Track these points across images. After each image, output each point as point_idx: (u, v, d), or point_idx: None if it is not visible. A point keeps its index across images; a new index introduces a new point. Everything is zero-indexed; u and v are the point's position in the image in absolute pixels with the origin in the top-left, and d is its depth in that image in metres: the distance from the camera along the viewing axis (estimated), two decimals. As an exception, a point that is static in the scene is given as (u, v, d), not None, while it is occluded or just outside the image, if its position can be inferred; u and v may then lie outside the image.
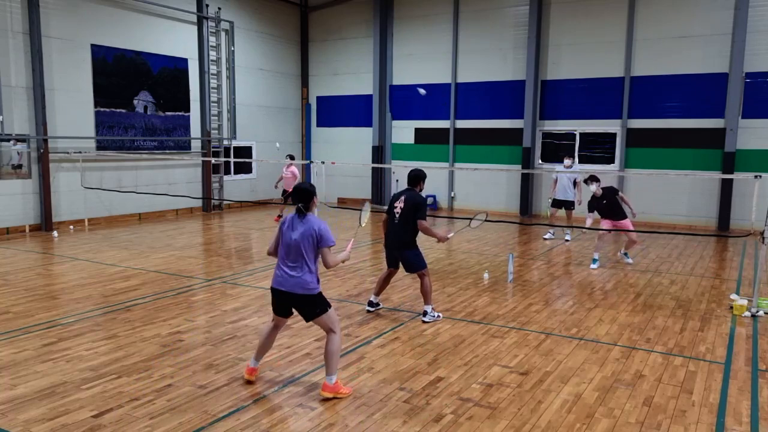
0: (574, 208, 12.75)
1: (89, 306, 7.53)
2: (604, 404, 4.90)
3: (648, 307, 7.83)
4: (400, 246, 7.01)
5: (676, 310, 7.72)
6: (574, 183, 12.61)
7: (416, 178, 7.10)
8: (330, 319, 4.97)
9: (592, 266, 10.20)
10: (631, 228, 10.42)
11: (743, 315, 7.42)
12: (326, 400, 4.86)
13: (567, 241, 12.88)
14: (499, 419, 4.61)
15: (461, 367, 5.64)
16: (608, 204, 10.20)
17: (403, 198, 7.00)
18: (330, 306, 5.01)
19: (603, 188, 10.29)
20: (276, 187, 15.97)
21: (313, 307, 4.94)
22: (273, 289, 5.06)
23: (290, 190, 15.39)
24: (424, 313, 7.07)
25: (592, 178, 10.36)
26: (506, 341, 6.40)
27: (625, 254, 10.77)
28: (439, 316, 7.14)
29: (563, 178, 12.70)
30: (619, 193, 10.39)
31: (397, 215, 6.97)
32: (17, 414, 4.60)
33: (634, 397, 5.03)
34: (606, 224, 10.31)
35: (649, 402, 4.95)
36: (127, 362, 5.66)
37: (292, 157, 15.49)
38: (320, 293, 4.98)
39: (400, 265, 7.19)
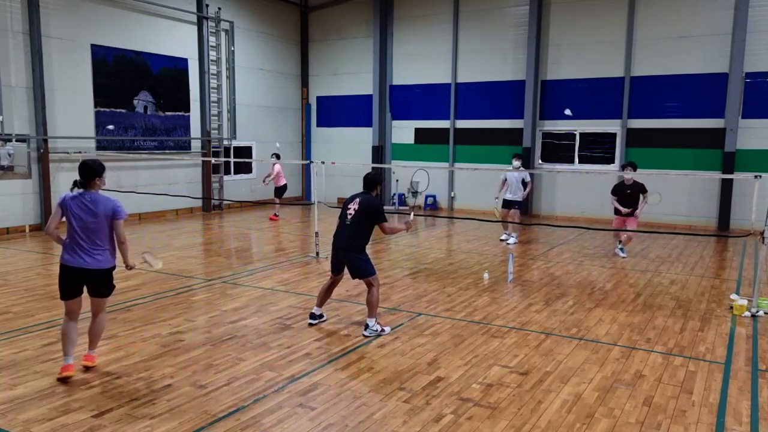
0: (517, 208, 12.68)
1: (89, 306, 7.51)
2: (604, 404, 4.90)
3: (648, 307, 7.83)
4: (348, 249, 6.54)
5: (676, 310, 7.72)
6: (523, 183, 12.43)
7: (373, 181, 6.76)
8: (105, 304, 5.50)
9: (623, 255, 11.00)
10: (636, 224, 10.87)
11: (743, 315, 7.42)
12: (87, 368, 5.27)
13: (509, 243, 12.46)
14: (499, 419, 4.61)
15: (461, 367, 5.64)
16: (631, 195, 10.69)
17: (357, 200, 6.63)
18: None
19: (635, 181, 10.71)
20: (265, 183, 16.06)
21: (104, 284, 5.45)
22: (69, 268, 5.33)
23: (276, 186, 15.75)
24: (366, 327, 6.53)
25: (631, 165, 10.76)
26: (506, 341, 6.40)
27: (621, 249, 11.14)
28: (383, 330, 6.56)
29: (512, 178, 12.46)
30: (646, 193, 10.72)
31: (350, 217, 6.56)
32: (17, 414, 4.60)
33: (634, 397, 5.03)
34: (617, 217, 10.99)
35: (649, 402, 4.95)
36: (127, 362, 5.66)
37: (278, 156, 15.80)
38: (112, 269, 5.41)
39: (342, 271, 6.77)
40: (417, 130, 18.94)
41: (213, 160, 17.07)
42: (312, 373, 5.44)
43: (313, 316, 6.92)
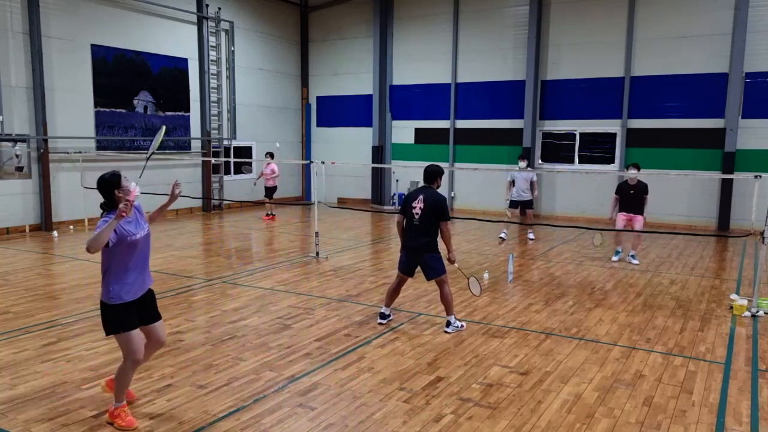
0: (532, 207, 13.06)
1: (89, 306, 7.53)
2: (604, 404, 4.90)
3: (648, 307, 7.83)
4: (423, 250, 6.50)
5: (676, 310, 7.72)
6: (531, 183, 12.74)
7: (433, 174, 6.58)
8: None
9: (635, 262, 10.64)
10: (642, 225, 10.72)
11: (743, 315, 7.42)
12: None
13: (531, 240, 13.01)
14: (499, 419, 4.61)
15: (461, 367, 5.64)
16: (634, 195, 10.58)
17: (421, 197, 6.47)
18: (123, 329, 4.32)
19: (638, 181, 10.64)
20: (255, 184, 16.04)
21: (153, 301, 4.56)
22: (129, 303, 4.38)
23: (267, 186, 15.60)
24: (447, 324, 6.67)
25: (635, 165, 10.70)
26: (506, 341, 6.40)
27: (633, 256, 10.83)
28: (462, 325, 6.76)
29: (519, 179, 12.75)
30: (647, 194, 10.68)
31: (417, 216, 6.46)
32: (17, 414, 4.60)
33: (634, 397, 5.03)
34: (622, 216, 10.77)
35: (649, 402, 4.95)
36: (127, 362, 5.65)
37: (271, 155, 15.72)
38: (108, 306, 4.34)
39: (414, 272, 6.77)
40: (417, 130, 18.94)
41: (213, 160, 17.07)
42: (312, 373, 5.44)
43: (383, 315, 6.95)
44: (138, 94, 15.30)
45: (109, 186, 4.35)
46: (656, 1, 15.21)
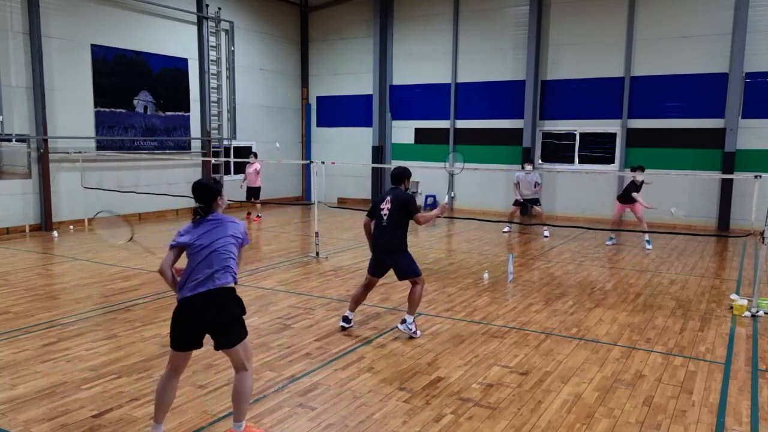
0: (539, 204, 13.59)
1: (89, 306, 7.53)
2: (604, 404, 4.90)
3: (648, 307, 7.83)
4: (392, 250, 6.38)
5: (676, 310, 7.72)
6: (535, 184, 13.37)
7: (400, 175, 6.54)
8: (246, 349, 4.17)
9: (608, 243, 12.28)
10: (641, 211, 12.13)
11: (743, 315, 7.42)
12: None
13: (546, 237, 13.38)
14: (499, 419, 4.61)
15: (461, 367, 5.64)
16: (635, 191, 12.07)
17: (389, 198, 6.41)
18: (247, 334, 4.21)
19: (643, 181, 12.01)
20: (241, 187, 15.88)
21: (233, 326, 4.15)
22: (185, 301, 4.21)
23: (251, 186, 15.41)
24: (403, 321, 6.49)
25: (641, 168, 11.98)
26: (506, 341, 6.40)
27: (648, 241, 12.10)
28: (417, 332, 6.45)
29: (524, 182, 13.39)
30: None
31: (385, 217, 6.36)
32: (17, 414, 4.60)
33: (634, 397, 5.03)
34: (620, 206, 12.41)
35: (649, 402, 4.95)
36: (127, 362, 5.66)
37: (255, 155, 15.67)
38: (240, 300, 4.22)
39: (384, 274, 6.62)
40: (417, 130, 18.94)
41: (213, 160, 17.07)
42: (312, 373, 5.44)
43: (346, 319, 6.72)
44: (138, 94, 15.30)
45: (213, 193, 4.21)
46: (656, 1, 15.21)
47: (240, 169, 18.63)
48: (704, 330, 6.88)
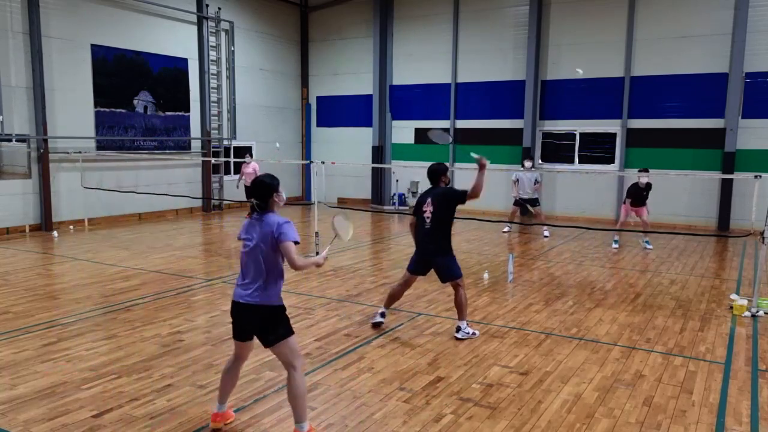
0: (539, 204, 13.65)
1: (89, 306, 7.53)
2: (604, 404, 4.90)
3: (648, 307, 7.83)
4: (436, 252, 6.40)
5: (676, 310, 7.72)
6: (535, 182, 13.45)
7: (436, 173, 6.50)
8: (290, 348, 4.16)
9: (614, 246, 12.08)
10: (647, 214, 12.11)
11: (743, 315, 7.42)
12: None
13: (546, 237, 13.39)
14: (499, 419, 4.61)
15: (461, 367, 5.64)
16: (645, 196, 11.98)
17: (429, 200, 6.38)
18: (293, 333, 4.21)
19: (647, 182, 11.93)
20: (237, 187, 15.85)
21: (275, 322, 4.14)
22: (232, 302, 4.25)
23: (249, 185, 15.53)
24: (457, 329, 6.43)
25: (646, 170, 11.95)
26: (506, 341, 6.40)
27: (647, 242, 12.06)
28: (475, 333, 6.49)
29: (524, 180, 13.43)
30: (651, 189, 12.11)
31: (428, 220, 6.36)
32: (17, 414, 4.60)
33: (634, 397, 5.03)
34: (630, 209, 12.13)
35: (649, 402, 4.95)
36: (127, 362, 5.66)
37: (251, 155, 15.72)
38: (284, 308, 4.20)
39: (425, 273, 6.65)
40: (417, 130, 18.93)
41: (213, 160, 17.07)
42: (312, 373, 5.44)
43: (382, 314, 6.80)
44: (138, 94, 15.30)
45: (269, 190, 4.21)
46: (656, 1, 15.21)
47: (240, 169, 18.63)
48: (704, 330, 6.88)
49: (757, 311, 7.45)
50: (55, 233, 12.94)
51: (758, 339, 6.60)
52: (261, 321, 4.13)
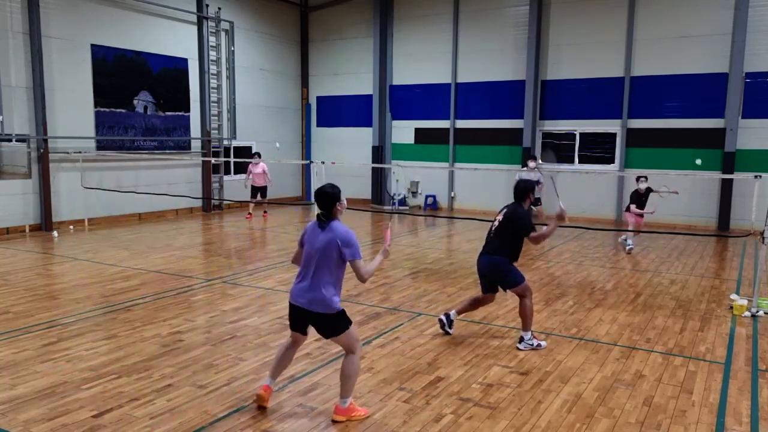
0: (541, 204, 13.44)
1: (89, 306, 7.53)
2: (604, 404, 4.90)
3: (648, 307, 7.83)
4: (490, 261, 6.26)
5: (676, 310, 7.72)
6: (537, 183, 13.06)
7: (522, 192, 6.34)
8: (350, 338, 4.54)
9: (629, 245, 11.72)
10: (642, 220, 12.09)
11: (743, 315, 7.41)
12: (336, 422, 4.51)
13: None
14: (499, 419, 4.61)
15: (461, 367, 5.64)
16: (645, 200, 11.92)
17: (503, 212, 6.36)
18: (351, 323, 4.58)
19: (647, 188, 11.92)
20: (246, 186, 16.02)
21: (333, 325, 4.49)
22: (290, 304, 4.62)
23: (260, 185, 15.65)
24: (520, 340, 6.22)
25: (644, 177, 11.99)
26: (506, 341, 6.40)
27: (627, 240, 11.86)
28: (540, 345, 6.17)
29: (527, 178, 12.99)
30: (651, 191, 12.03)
31: (494, 228, 6.36)
32: (17, 414, 4.60)
33: (634, 397, 5.03)
34: (636, 213, 11.89)
35: (649, 402, 4.95)
36: (127, 362, 5.66)
37: (259, 155, 15.88)
38: (342, 311, 4.52)
39: (491, 291, 6.45)
40: (417, 130, 18.94)
41: (213, 160, 17.07)
42: (312, 373, 5.44)
43: (448, 317, 6.59)
44: (138, 94, 15.30)
45: (333, 199, 4.51)
46: (656, 1, 15.20)
47: (240, 169, 18.61)
48: (704, 330, 6.88)
49: (757, 311, 7.45)
50: (55, 233, 12.94)
51: (758, 339, 6.60)
52: (317, 324, 4.52)
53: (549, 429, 4.47)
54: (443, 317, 6.60)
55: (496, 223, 6.37)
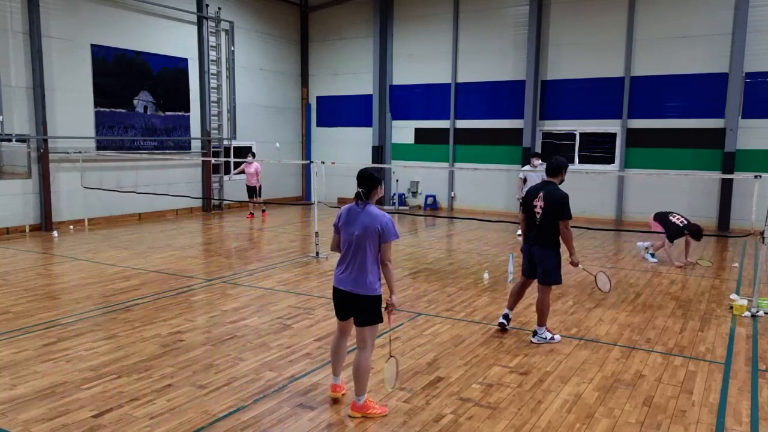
0: None
1: (89, 306, 7.53)
2: (604, 404, 4.90)
3: (648, 307, 7.83)
4: (544, 252, 6.23)
5: (676, 310, 7.72)
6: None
7: (557, 168, 6.24)
8: (373, 333, 4.61)
9: (653, 260, 10.85)
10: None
11: (743, 315, 7.41)
12: (353, 417, 4.57)
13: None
14: (499, 419, 4.61)
15: (461, 367, 5.63)
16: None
17: (541, 195, 6.14)
18: (382, 320, 4.62)
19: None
20: (230, 179, 16.16)
21: (370, 310, 4.54)
22: (335, 289, 4.67)
23: (252, 185, 15.71)
24: (534, 333, 6.35)
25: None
26: (506, 341, 6.40)
27: (652, 254, 11.05)
28: (554, 338, 6.32)
29: (531, 177, 12.79)
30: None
31: (538, 216, 6.15)
32: (17, 414, 4.60)
33: (634, 397, 5.03)
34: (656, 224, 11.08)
35: (649, 402, 4.95)
36: (127, 362, 5.66)
37: (253, 155, 16.06)
38: (380, 296, 4.59)
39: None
40: (417, 130, 18.94)
41: (213, 160, 17.07)
42: (312, 373, 5.44)
43: (506, 317, 6.70)
44: (138, 94, 15.30)
45: (376, 182, 4.58)
46: (656, 1, 15.20)
47: (240, 166, 18.61)
48: (704, 330, 6.88)
49: (757, 311, 7.45)
50: (55, 233, 12.94)
51: (758, 339, 6.60)
52: (357, 307, 4.57)
53: (549, 429, 4.47)
54: (503, 320, 6.66)
55: (538, 209, 6.22)
